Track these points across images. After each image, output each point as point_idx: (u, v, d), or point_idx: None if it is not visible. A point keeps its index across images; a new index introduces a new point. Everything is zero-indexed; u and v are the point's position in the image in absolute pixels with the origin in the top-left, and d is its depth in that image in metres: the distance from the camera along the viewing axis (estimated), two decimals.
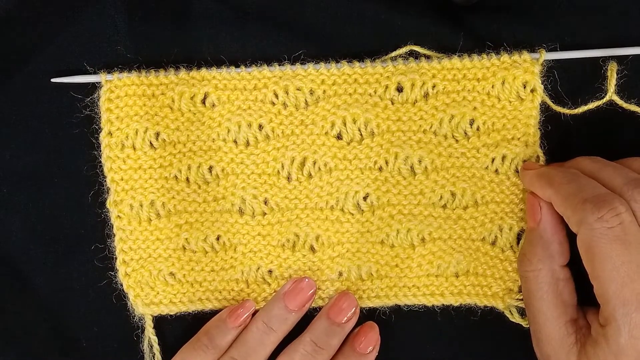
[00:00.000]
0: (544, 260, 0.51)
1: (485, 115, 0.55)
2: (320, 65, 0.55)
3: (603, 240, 0.46)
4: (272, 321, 0.54)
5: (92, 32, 0.57)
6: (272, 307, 0.55)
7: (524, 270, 0.51)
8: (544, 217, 0.51)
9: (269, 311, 0.54)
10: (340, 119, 0.55)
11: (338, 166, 0.55)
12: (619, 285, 0.45)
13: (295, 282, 0.55)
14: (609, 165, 0.50)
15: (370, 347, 0.54)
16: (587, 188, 0.48)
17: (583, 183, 0.49)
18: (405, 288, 0.56)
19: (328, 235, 0.55)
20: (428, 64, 0.55)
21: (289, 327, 0.54)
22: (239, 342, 0.54)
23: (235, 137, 0.55)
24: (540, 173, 0.52)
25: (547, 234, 0.51)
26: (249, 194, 0.55)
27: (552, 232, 0.51)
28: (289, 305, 0.54)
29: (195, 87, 0.55)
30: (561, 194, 0.49)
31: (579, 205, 0.47)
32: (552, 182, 0.50)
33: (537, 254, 0.51)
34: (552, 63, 0.55)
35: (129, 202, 0.55)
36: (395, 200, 0.55)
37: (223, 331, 0.54)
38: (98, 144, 0.56)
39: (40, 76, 0.56)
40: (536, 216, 0.51)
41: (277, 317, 0.54)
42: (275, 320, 0.54)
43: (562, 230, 0.51)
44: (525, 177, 0.53)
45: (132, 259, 0.56)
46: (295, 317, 0.54)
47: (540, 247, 0.51)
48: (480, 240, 0.56)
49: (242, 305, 0.55)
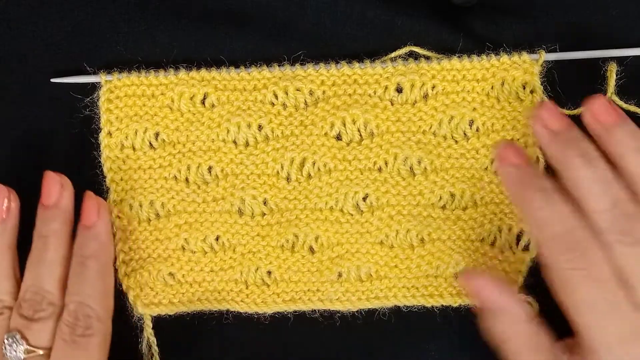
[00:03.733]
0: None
1: (484, 116, 0.55)
2: (319, 66, 0.55)
3: (573, 279, 0.46)
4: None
5: (92, 32, 0.57)
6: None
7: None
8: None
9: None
10: (339, 120, 0.55)
11: (337, 167, 0.55)
12: (597, 320, 0.46)
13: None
14: (595, 183, 0.47)
15: (94, 219, 0.53)
16: (560, 220, 0.47)
17: (556, 211, 0.47)
18: (405, 289, 0.56)
19: (327, 236, 0.55)
20: (428, 65, 0.55)
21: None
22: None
23: (234, 137, 0.56)
24: (518, 178, 0.50)
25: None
26: (248, 194, 0.55)
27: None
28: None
29: (194, 87, 0.55)
30: (532, 219, 0.48)
31: (548, 241, 0.47)
32: (525, 198, 0.49)
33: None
34: (552, 64, 0.55)
35: (129, 202, 0.56)
36: (394, 201, 0.55)
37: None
38: (98, 144, 0.56)
39: (40, 76, 0.57)
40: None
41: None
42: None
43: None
44: (503, 174, 0.52)
45: (132, 259, 0.56)
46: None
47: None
48: (480, 241, 0.56)
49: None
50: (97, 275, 0.52)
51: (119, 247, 0.56)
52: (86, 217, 0.53)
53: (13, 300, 0.52)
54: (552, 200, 0.48)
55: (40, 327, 0.50)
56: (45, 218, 0.53)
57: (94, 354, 0.50)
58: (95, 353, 0.50)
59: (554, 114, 0.50)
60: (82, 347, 0.50)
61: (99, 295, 0.51)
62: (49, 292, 0.51)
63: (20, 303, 0.51)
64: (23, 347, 0.49)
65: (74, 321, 0.50)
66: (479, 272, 0.52)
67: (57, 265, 0.52)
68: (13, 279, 0.53)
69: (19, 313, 0.51)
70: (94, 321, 0.50)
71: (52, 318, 0.51)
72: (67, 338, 0.50)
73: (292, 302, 0.56)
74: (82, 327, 0.50)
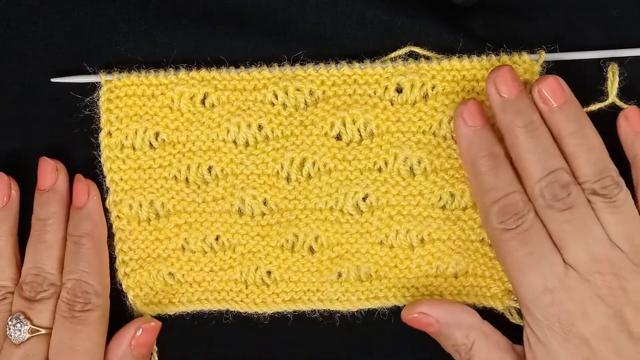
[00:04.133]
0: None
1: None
2: (319, 66, 0.55)
3: (505, 239, 0.50)
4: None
5: (92, 32, 0.57)
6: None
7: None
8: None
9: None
10: (339, 120, 0.55)
11: (337, 167, 0.55)
12: (523, 276, 0.49)
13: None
14: (534, 152, 0.50)
15: (84, 199, 0.54)
16: (501, 187, 0.50)
17: (500, 179, 0.50)
18: (404, 289, 0.56)
19: (327, 236, 0.55)
20: (427, 65, 0.55)
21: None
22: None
23: (234, 137, 0.56)
24: (470, 140, 0.52)
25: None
26: (248, 194, 0.55)
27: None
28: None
29: (194, 87, 0.55)
30: (477, 182, 0.51)
31: (488, 205, 0.50)
32: (473, 161, 0.51)
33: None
34: (552, 64, 0.55)
35: (129, 202, 0.56)
36: (394, 201, 0.55)
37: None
38: (98, 144, 0.56)
39: (40, 76, 0.57)
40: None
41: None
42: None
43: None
44: (458, 133, 0.53)
45: (132, 259, 0.56)
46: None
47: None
48: (479, 241, 0.56)
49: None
50: (92, 253, 0.53)
51: (119, 247, 0.56)
52: (77, 198, 0.55)
53: (15, 286, 0.53)
54: (498, 166, 0.51)
55: (42, 307, 0.52)
56: (42, 202, 0.54)
57: (94, 328, 0.52)
58: (95, 327, 0.52)
59: (507, 79, 0.51)
60: (82, 323, 0.51)
61: (95, 271, 0.53)
62: (50, 272, 0.53)
63: (21, 286, 0.53)
64: (27, 327, 0.51)
65: (73, 298, 0.52)
66: (417, 302, 0.54)
67: (56, 246, 0.53)
68: (15, 265, 0.54)
69: (20, 295, 0.52)
70: (92, 297, 0.52)
71: (53, 298, 0.52)
72: (66, 315, 0.51)
73: (292, 302, 0.56)
74: (81, 303, 0.52)
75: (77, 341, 0.51)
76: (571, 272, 0.49)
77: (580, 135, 0.50)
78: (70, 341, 0.51)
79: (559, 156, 0.50)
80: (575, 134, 0.50)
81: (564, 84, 0.51)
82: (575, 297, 0.48)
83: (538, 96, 0.51)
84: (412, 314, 0.53)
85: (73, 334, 0.51)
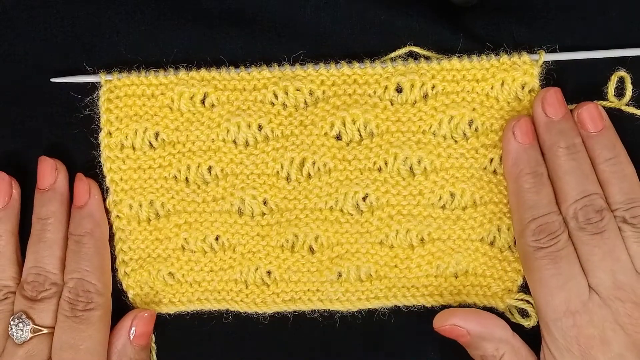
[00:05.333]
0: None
1: (484, 116, 0.55)
2: (319, 66, 0.55)
3: (535, 257, 0.51)
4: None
5: (92, 32, 0.57)
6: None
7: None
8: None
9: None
10: (339, 120, 0.55)
11: (337, 167, 0.55)
12: (548, 295, 0.50)
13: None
14: (572, 175, 0.51)
15: (85, 198, 0.54)
16: (541, 206, 0.51)
17: (542, 198, 0.52)
18: (405, 289, 0.56)
19: (327, 236, 0.55)
20: (427, 65, 0.55)
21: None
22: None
23: (234, 137, 0.56)
24: (518, 156, 0.53)
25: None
26: (248, 194, 0.55)
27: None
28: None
29: (194, 87, 0.55)
30: (519, 199, 0.52)
31: (525, 222, 0.52)
32: (518, 177, 0.52)
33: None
34: (552, 64, 0.55)
35: (129, 202, 0.56)
36: (394, 201, 0.55)
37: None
38: (97, 144, 0.56)
39: (40, 76, 0.57)
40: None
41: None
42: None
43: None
44: (505, 148, 0.53)
45: (132, 258, 0.56)
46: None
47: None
48: (479, 240, 0.56)
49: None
50: (94, 252, 0.53)
51: (119, 246, 0.56)
52: (78, 197, 0.55)
53: (17, 285, 0.53)
54: (541, 185, 0.52)
55: (44, 307, 0.52)
56: (42, 201, 0.54)
57: (97, 327, 0.52)
58: (97, 326, 0.52)
59: (554, 101, 0.53)
60: (85, 322, 0.51)
61: (97, 270, 0.53)
62: (51, 272, 0.53)
63: (23, 285, 0.53)
64: (30, 327, 0.51)
65: (75, 297, 0.52)
66: (449, 312, 0.54)
67: (57, 245, 0.54)
68: (16, 264, 0.54)
69: (22, 295, 0.52)
70: (94, 295, 0.52)
71: (55, 297, 0.52)
72: (69, 314, 0.51)
73: (292, 302, 0.56)
74: (83, 302, 0.52)
75: (79, 340, 0.51)
76: (594, 297, 0.50)
77: (614, 163, 0.52)
78: (73, 340, 0.51)
79: (596, 182, 0.52)
80: (610, 162, 0.52)
81: (603, 111, 0.53)
82: (597, 322, 0.49)
83: (577, 120, 0.53)
84: (444, 324, 0.53)
85: (75, 333, 0.51)
